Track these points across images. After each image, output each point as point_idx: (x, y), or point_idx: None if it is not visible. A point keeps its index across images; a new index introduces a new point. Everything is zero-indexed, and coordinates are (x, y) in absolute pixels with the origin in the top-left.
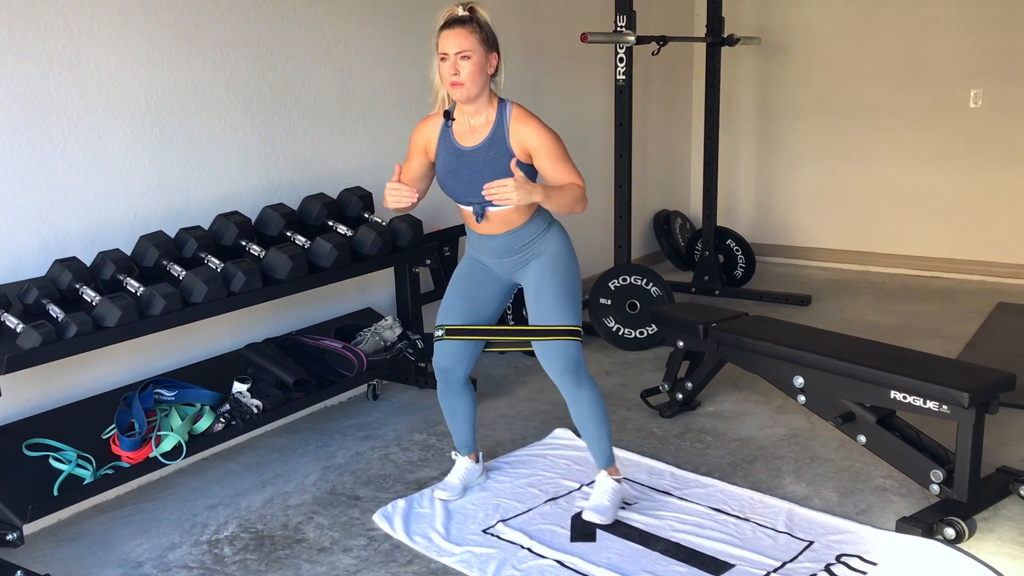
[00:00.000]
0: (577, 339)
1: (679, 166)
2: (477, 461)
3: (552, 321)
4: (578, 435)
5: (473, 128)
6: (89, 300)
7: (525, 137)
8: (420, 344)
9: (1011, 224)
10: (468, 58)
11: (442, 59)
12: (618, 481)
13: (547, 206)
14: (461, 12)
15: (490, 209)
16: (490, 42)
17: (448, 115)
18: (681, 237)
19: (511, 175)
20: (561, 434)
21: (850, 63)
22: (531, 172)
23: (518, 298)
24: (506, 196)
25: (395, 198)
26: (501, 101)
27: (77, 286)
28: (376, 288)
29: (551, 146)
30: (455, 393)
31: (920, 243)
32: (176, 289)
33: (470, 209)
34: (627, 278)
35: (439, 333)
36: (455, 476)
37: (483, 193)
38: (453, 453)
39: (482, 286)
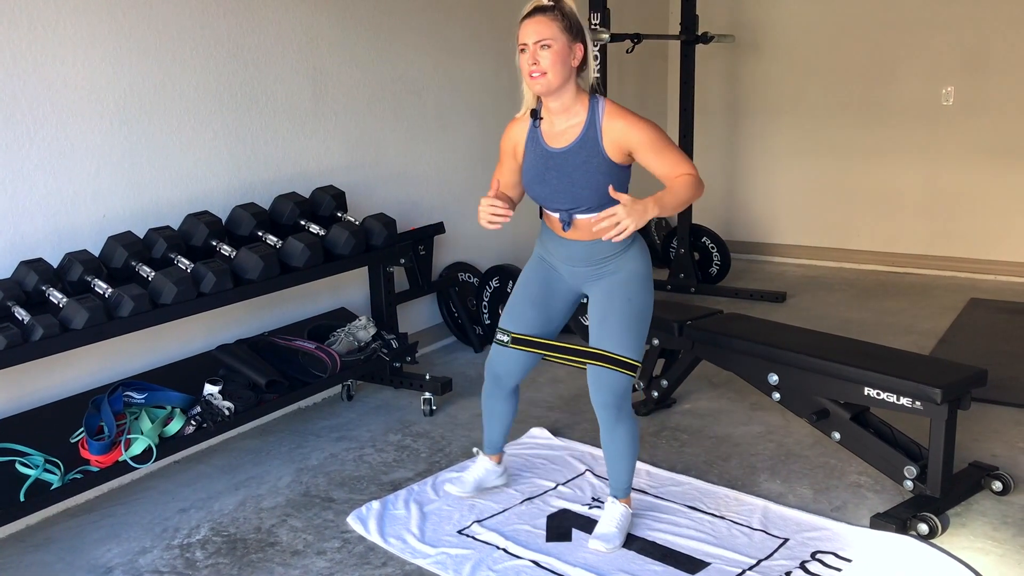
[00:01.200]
0: (632, 374)
1: None
2: (499, 463)
3: (613, 349)
4: (554, 434)
5: (563, 129)
6: (56, 302)
7: (621, 135)
8: (394, 344)
9: (983, 220)
10: (548, 47)
11: (521, 50)
12: (628, 507)
13: (666, 215)
14: (545, 1)
15: (578, 216)
16: (574, 31)
17: (535, 114)
18: (656, 235)
19: (604, 179)
20: (537, 433)
21: (823, 60)
22: (623, 176)
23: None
24: (620, 228)
25: (490, 215)
26: (593, 97)
27: (43, 288)
28: (350, 288)
29: (653, 138)
30: (502, 397)
31: (893, 239)
32: (145, 290)
33: (556, 215)
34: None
35: (504, 339)
36: (471, 474)
37: (593, 229)
38: (475, 449)
39: (554, 294)
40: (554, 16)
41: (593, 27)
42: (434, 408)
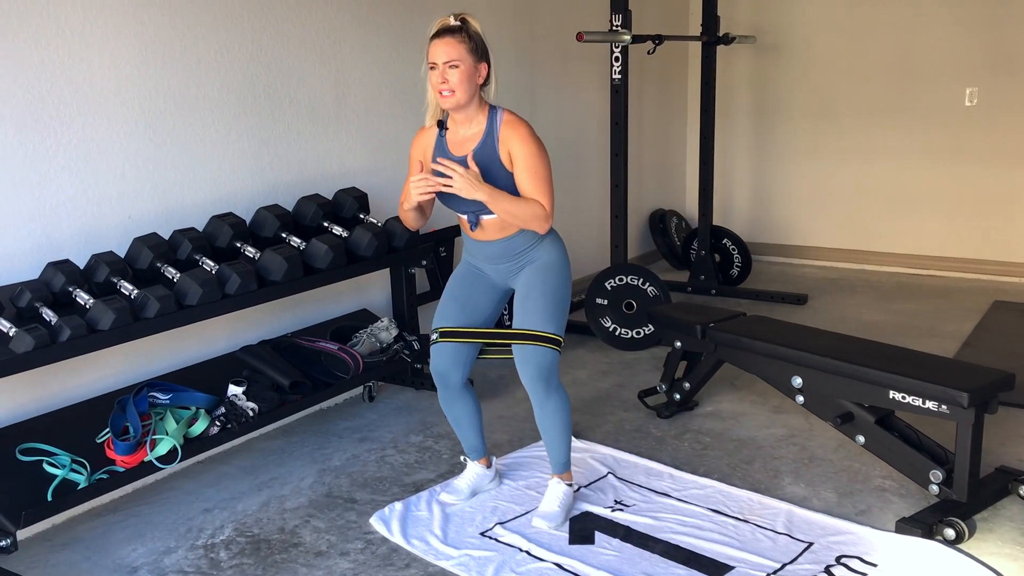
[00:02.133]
0: (555, 348)
1: (675, 165)
2: (489, 466)
3: (534, 326)
4: (576, 437)
5: (465, 137)
6: (83, 303)
7: (512, 144)
8: (416, 345)
9: (1006, 222)
10: (456, 67)
11: (431, 68)
12: (569, 486)
13: (492, 209)
14: (452, 22)
15: (484, 217)
16: (479, 52)
17: (442, 125)
18: (677, 236)
19: (501, 183)
20: None
21: (845, 61)
22: (511, 181)
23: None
24: (449, 182)
25: (421, 188)
26: (492, 109)
27: (70, 289)
28: (372, 289)
29: (532, 159)
30: (455, 398)
31: (915, 241)
32: (170, 291)
33: (466, 217)
34: (623, 278)
35: (434, 336)
36: (463, 481)
37: (432, 166)
38: (463, 457)
39: (477, 290)
40: (461, 38)
41: (614, 29)
42: None
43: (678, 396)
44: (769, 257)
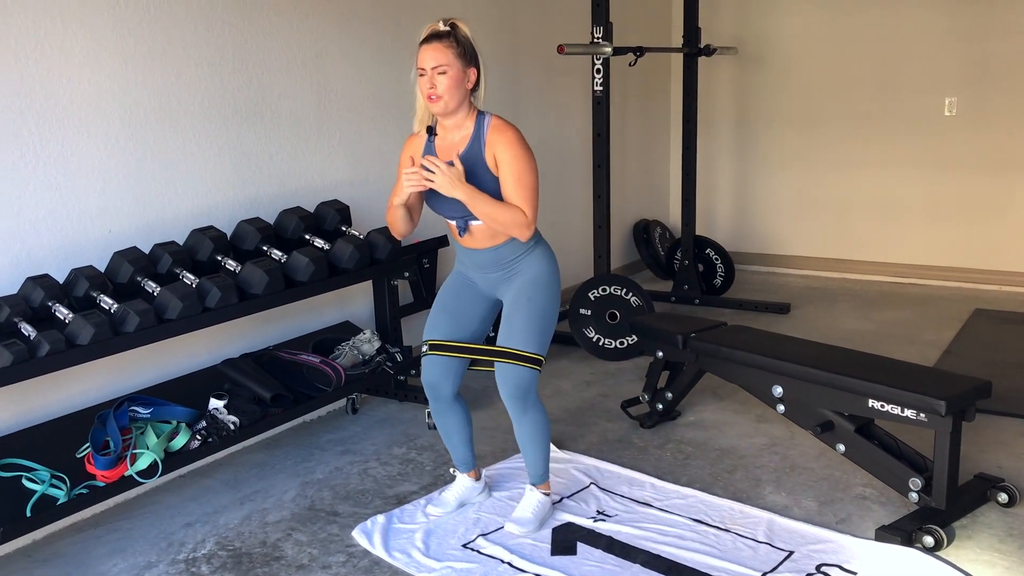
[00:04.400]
0: (535, 367)
1: (658, 176)
2: (478, 479)
3: (515, 345)
4: (559, 447)
5: (453, 142)
6: (62, 318)
7: (498, 148)
8: (399, 357)
9: (987, 231)
10: (444, 73)
11: (420, 74)
12: (546, 495)
13: (471, 209)
14: (441, 27)
15: (473, 223)
16: (468, 57)
17: (431, 131)
18: (661, 247)
19: (488, 187)
20: None
21: (825, 72)
22: (497, 186)
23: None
24: (430, 177)
25: (413, 180)
26: (480, 114)
27: (50, 304)
28: (354, 301)
29: (517, 163)
30: (445, 411)
31: (897, 250)
32: (151, 306)
33: (455, 223)
34: (607, 288)
35: (424, 348)
36: (451, 493)
37: (419, 162)
38: (452, 470)
39: (467, 301)
40: (449, 43)
41: (596, 41)
42: None
43: (661, 406)
44: (752, 267)
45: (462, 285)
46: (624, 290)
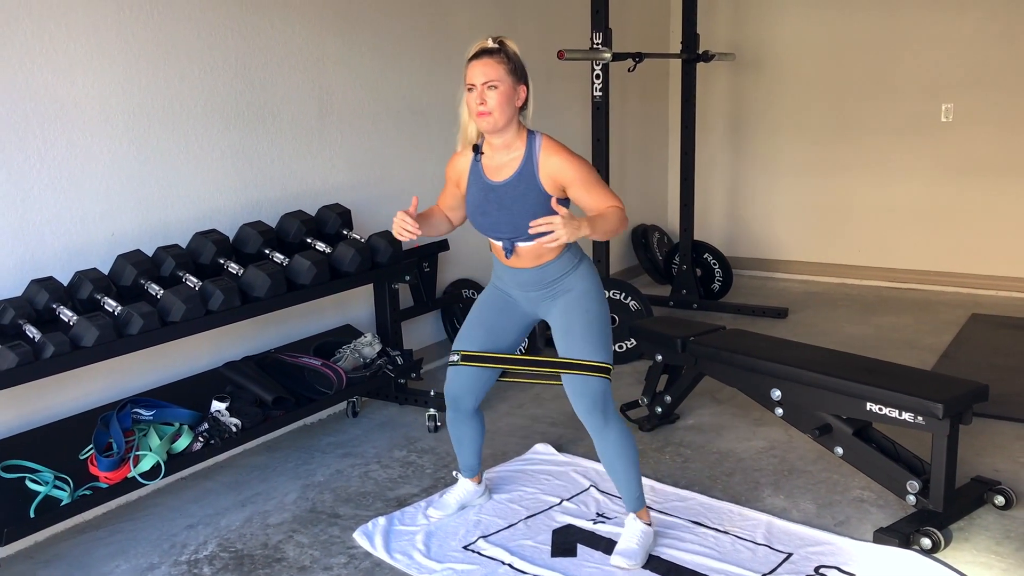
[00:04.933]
0: (606, 376)
1: (656, 181)
2: (479, 482)
3: (582, 355)
4: (559, 450)
5: (503, 163)
6: (66, 320)
7: (555, 170)
8: (399, 360)
9: (984, 236)
10: (495, 88)
11: (469, 89)
12: (648, 525)
13: (595, 237)
14: (490, 44)
15: (520, 244)
16: (518, 73)
17: (477, 149)
18: (659, 251)
19: (541, 210)
20: (541, 449)
21: (823, 78)
22: (563, 203)
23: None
24: (554, 237)
25: (400, 229)
26: (531, 133)
27: (54, 306)
28: (355, 305)
29: (583, 175)
30: (463, 421)
31: (895, 255)
32: (154, 308)
33: (500, 244)
34: (606, 292)
35: (455, 358)
36: (453, 496)
37: (530, 231)
38: (455, 473)
39: (504, 316)
40: (500, 59)
41: (595, 47)
42: (439, 424)
43: (660, 409)
44: (750, 271)
45: (500, 299)
46: (623, 294)
